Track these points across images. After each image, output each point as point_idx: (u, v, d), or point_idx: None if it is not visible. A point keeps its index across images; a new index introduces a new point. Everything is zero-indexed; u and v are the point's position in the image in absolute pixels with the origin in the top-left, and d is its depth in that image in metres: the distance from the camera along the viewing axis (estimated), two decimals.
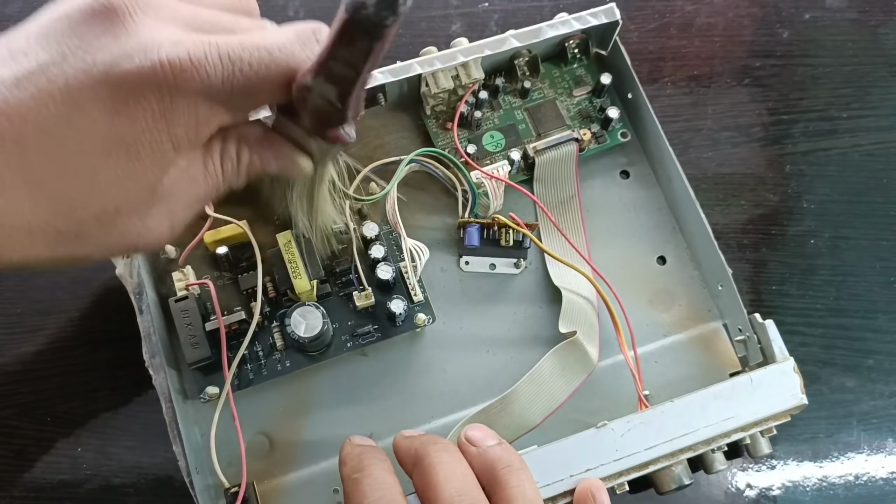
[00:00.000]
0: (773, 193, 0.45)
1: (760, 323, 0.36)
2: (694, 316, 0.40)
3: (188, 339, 0.35)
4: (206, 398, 0.36)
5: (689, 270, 0.41)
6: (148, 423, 0.38)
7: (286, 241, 0.36)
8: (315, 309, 0.35)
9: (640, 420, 0.33)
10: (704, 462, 0.36)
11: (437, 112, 0.42)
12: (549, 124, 0.42)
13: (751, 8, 0.49)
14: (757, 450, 0.36)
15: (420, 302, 0.38)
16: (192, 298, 0.36)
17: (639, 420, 0.33)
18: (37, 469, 0.37)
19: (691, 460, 0.34)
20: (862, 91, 0.48)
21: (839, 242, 0.44)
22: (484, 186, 0.39)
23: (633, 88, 0.42)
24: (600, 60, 0.43)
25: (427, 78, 0.39)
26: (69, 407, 0.38)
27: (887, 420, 0.41)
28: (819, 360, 0.42)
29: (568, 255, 0.39)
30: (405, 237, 0.37)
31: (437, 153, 0.39)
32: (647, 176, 0.43)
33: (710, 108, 0.47)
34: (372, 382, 0.38)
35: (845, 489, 0.39)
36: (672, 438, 0.33)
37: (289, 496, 0.36)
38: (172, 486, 0.37)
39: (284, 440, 0.37)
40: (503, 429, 0.35)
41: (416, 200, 0.41)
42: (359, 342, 0.37)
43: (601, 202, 0.42)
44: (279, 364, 0.37)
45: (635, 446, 0.33)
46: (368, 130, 0.42)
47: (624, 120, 0.43)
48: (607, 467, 0.32)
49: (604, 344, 0.38)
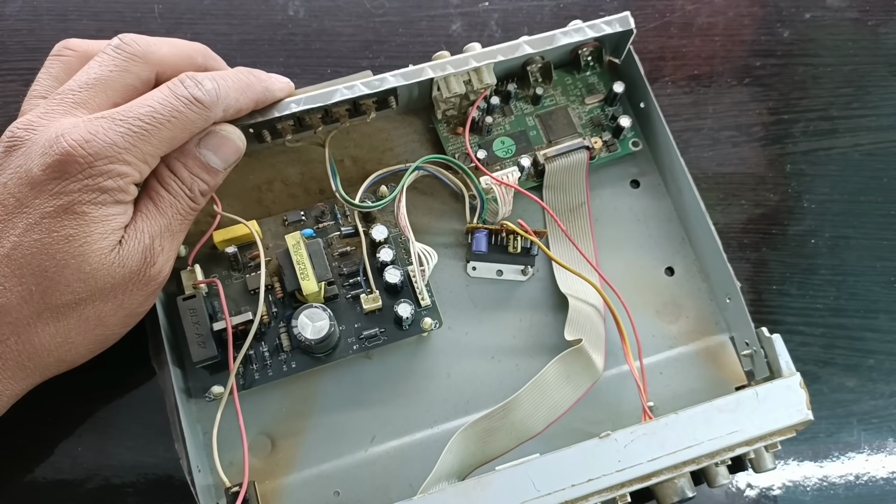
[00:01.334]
0: (774, 193, 0.45)
1: (767, 337, 0.36)
2: (701, 328, 0.40)
3: (195, 338, 0.35)
4: (212, 397, 0.36)
5: (697, 282, 0.41)
6: (148, 423, 0.37)
7: (294, 241, 0.36)
8: (322, 311, 0.35)
9: (644, 431, 0.33)
10: (707, 475, 0.35)
11: (449, 117, 0.42)
12: (561, 131, 0.42)
13: (751, 7, 0.49)
14: (761, 465, 0.35)
15: (427, 306, 0.38)
16: (200, 297, 0.36)
17: (642, 431, 0.33)
18: (37, 469, 0.37)
19: (694, 473, 0.34)
20: (862, 91, 0.48)
21: (839, 242, 0.44)
22: (493, 192, 0.39)
23: (645, 97, 0.41)
24: (613, 69, 0.43)
25: (439, 82, 0.39)
26: (69, 407, 0.38)
27: (888, 420, 0.41)
28: (819, 360, 0.42)
29: (576, 264, 0.39)
30: (413, 241, 0.37)
31: (446, 160, 0.39)
32: (657, 186, 0.43)
33: (711, 108, 0.47)
34: (376, 386, 0.38)
35: (846, 489, 0.39)
36: (676, 451, 0.33)
37: (289, 497, 0.36)
38: (172, 485, 0.37)
39: (287, 441, 0.37)
40: (505, 435, 0.35)
41: (424, 205, 0.41)
42: (365, 345, 0.37)
43: (610, 211, 0.42)
44: (284, 365, 0.37)
45: (638, 458, 0.32)
46: (379, 133, 0.42)
47: (636, 129, 0.43)
48: (609, 478, 0.32)
49: (609, 353, 0.38)
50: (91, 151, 0.29)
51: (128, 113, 0.31)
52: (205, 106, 0.32)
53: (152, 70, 0.33)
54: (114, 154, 0.30)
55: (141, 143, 0.30)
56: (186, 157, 0.33)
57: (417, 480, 0.33)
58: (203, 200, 0.34)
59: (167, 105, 0.31)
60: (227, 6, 0.47)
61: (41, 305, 0.30)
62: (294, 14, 0.47)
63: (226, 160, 0.34)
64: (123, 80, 0.32)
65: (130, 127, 0.30)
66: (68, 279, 0.30)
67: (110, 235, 0.30)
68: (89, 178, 0.29)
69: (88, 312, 0.31)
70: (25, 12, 0.46)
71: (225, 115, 0.34)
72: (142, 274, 0.32)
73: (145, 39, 0.33)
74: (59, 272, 0.30)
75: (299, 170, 0.41)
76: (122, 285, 0.31)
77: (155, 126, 0.31)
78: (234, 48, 0.46)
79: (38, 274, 0.29)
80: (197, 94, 0.32)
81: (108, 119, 0.30)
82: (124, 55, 0.32)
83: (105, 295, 0.31)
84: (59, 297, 0.30)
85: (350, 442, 0.37)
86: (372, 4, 0.48)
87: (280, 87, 0.36)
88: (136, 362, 0.37)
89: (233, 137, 0.34)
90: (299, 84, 0.38)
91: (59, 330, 0.31)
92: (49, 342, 0.31)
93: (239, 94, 0.34)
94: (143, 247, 0.31)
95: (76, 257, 0.30)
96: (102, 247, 0.30)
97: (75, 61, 0.34)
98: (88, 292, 0.30)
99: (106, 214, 0.30)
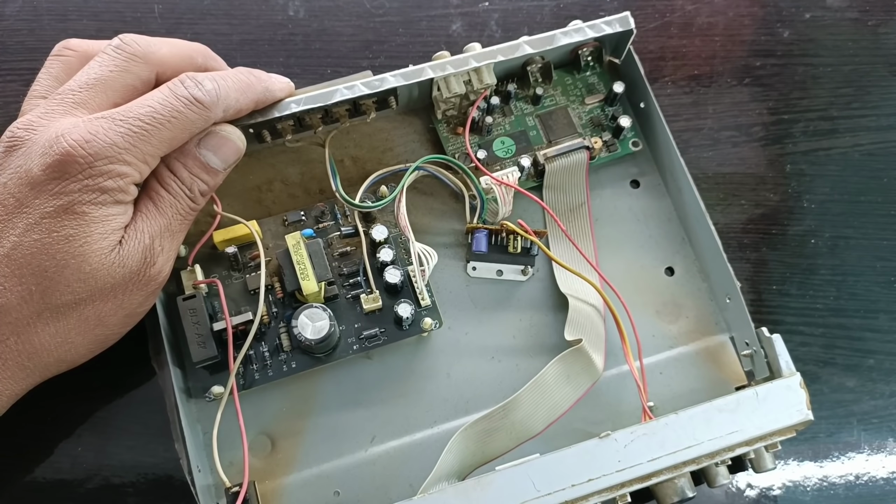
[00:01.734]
0: (774, 193, 0.45)
1: (767, 337, 0.36)
2: (701, 328, 0.40)
3: (195, 338, 0.35)
4: (212, 397, 0.36)
5: (697, 282, 0.41)
6: (148, 423, 0.37)
7: (294, 241, 0.36)
8: (322, 311, 0.35)
9: (644, 431, 0.33)
10: (707, 475, 0.35)
11: (449, 117, 0.42)
12: (561, 132, 0.42)
13: (751, 7, 0.49)
14: (761, 465, 0.35)
15: (427, 306, 0.38)
16: (200, 297, 0.36)
17: (642, 431, 0.33)
18: (37, 469, 0.37)
19: (694, 473, 0.34)
20: (862, 91, 0.48)
21: (839, 242, 0.44)
22: (493, 192, 0.39)
23: (645, 97, 0.41)
24: (613, 69, 0.43)
25: (439, 82, 0.39)
26: (69, 407, 0.38)
27: (888, 420, 0.41)
28: (819, 360, 0.42)
29: (576, 264, 0.39)
30: (413, 241, 0.37)
31: (445, 160, 0.39)
32: (657, 186, 0.43)
33: (711, 108, 0.47)
34: (376, 386, 0.38)
35: (846, 489, 0.39)
36: (676, 451, 0.33)
37: (289, 497, 0.36)
38: (172, 485, 0.37)
39: (287, 441, 0.37)
40: (505, 435, 0.35)
41: (424, 205, 0.41)
42: (365, 345, 0.37)
43: (611, 211, 0.42)
44: (285, 365, 0.37)
45: (638, 458, 0.32)
46: (379, 133, 0.42)
47: (636, 129, 0.43)
48: (609, 478, 0.32)
49: (609, 353, 0.38)
50: (91, 151, 0.29)
51: (128, 113, 0.31)
52: (205, 106, 0.32)
53: (152, 70, 0.33)
54: (114, 154, 0.30)
55: (141, 143, 0.30)
56: (186, 157, 0.33)
57: (417, 480, 0.33)
58: (203, 200, 0.34)
59: (167, 105, 0.31)
60: (227, 6, 0.47)
61: (41, 305, 0.30)
62: (294, 14, 0.47)
63: (226, 160, 0.34)
64: (123, 81, 0.32)
65: (130, 127, 0.30)
66: (68, 279, 0.30)
67: (110, 235, 0.30)
68: (89, 179, 0.29)
69: (88, 312, 0.31)
70: (25, 12, 0.46)
71: (225, 116, 0.34)
72: (142, 274, 0.32)
73: (145, 40, 0.33)
74: (59, 272, 0.30)
75: (299, 170, 0.41)
76: (122, 285, 0.31)
77: (155, 126, 0.31)
78: (234, 48, 0.46)
79: (38, 274, 0.29)
80: (197, 94, 0.32)
81: (109, 119, 0.30)
82: (124, 55, 0.33)
83: (105, 295, 0.31)
84: (59, 297, 0.30)
85: (350, 442, 0.37)
86: (372, 4, 0.48)
87: (280, 87, 0.36)
88: (136, 362, 0.37)
89: (233, 138, 0.34)
90: (299, 84, 0.38)
91: (59, 330, 0.31)
92: (49, 342, 0.31)
93: (239, 95, 0.34)
94: (143, 247, 0.31)
95: (76, 257, 0.30)
96: (102, 247, 0.30)
97: (75, 61, 0.34)
98: (88, 292, 0.30)
99: (106, 214, 0.30)
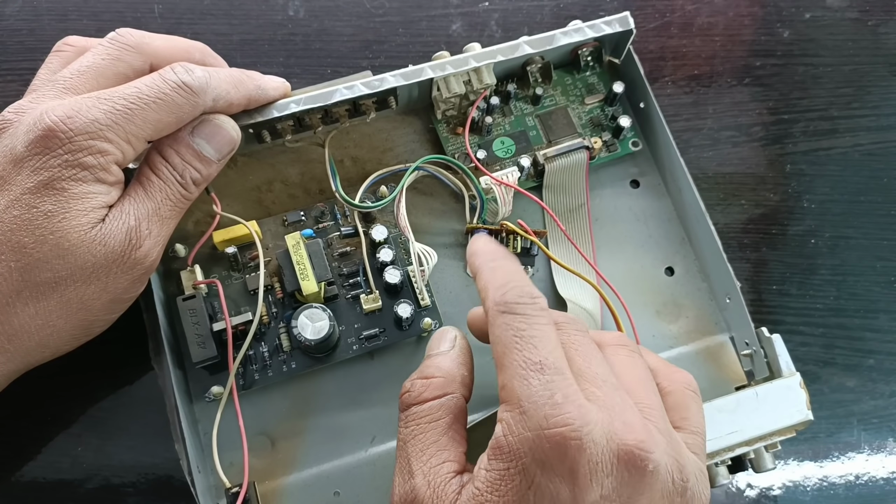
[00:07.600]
0: (774, 193, 0.45)
1: (767, 337, 0.36)
2: (701, 328, 0.40)
3: (195, 338, 0.35)
4: (212, 398, 0.36)
5: (697, 282, 0.41)
6: (148, 423, 0.37)
7: (294, 242, 0.36)
8: (322, 311, 0.35)
9: None
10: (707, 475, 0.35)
11: (448, 117, 0.42)
12: (560, 132, 0.42)
13: (751, 7, 0.49)
14: (761, 465, 0.35)
15: (427, 306, 0.38)
16: (200, 298, 0.35)
17: None
18: (37, 469, 0.37)
19: None
20: (862, 91, 0.48)
21: (839, 242, 0.44)
22: (493, 192, 0.39)
23: (645, 97, 0.41)
24: (613, 69, 0.43)
25: (439, 82, 0.39)
26: (69, 407, 0.38)
27: (888, 420, 0.41)
28: (819, 360, 0.42)
29: (575, 264, 0.39)
30: (413, 241, 0.37)
31: (445, 160, 0.39)
32: (657, 186, 0.43)
33: (711, 108, 0.47)
34: (376, 386, 0.38)
35: (846, 489, 0.39)
36: None
37: (289, 497, 0.36)
38: (172, 485, 0.37)
39: (287, 441, 0.37)
40: None
41: (424, 205, 0.41)
42: (365, 345, 0.37)
43: (610, 211, 0.42)
44: (284, 365, 0.37)
45: None
46: (379, 133, 0.42)
47: (635, 129, 0.43)
48: None
49: None
50: (72, 126, 0.29)
51: (113, 93, 0.31)
52: (192, 91, 0.32)
53: (146, 61, 0.33)
54: (95, 130, 0.30)
55: (124, 121, 0.30)
56: (179, 144, 0.33)
57: None
58: (196, 190, 0.34)
59: (154, 87, 0.31)
60: (227, 6, 0.47)
61: (20, 283, 0.30)
62: (294, 14, 0.47)
63: (219, 150, 0.34)
64: (115, 69, 0.33)
65: (114, 105, 0.30)
66: (47, 255, 0.29)
67: (91, 213, 0.30)
68: (69, 154, 0.29)
69: (70, 294, 0.31)
70: (25, 12, 0.46)
71: (215, 106, 0.33)
72: (126, 256, 0.31)
73: (140, 32, 0.34)
74: (38, 248, 0.29)
75: (299, 170, 0.41)
76: (104, 266, 0.31)
77: (139, 106, 0.31)
78: (234, 48, 0.46)
79: (17, 250, 0.29)
80: (186, 78, 0.32)
81: (94, 98, 0.30)
82: (117, 45, 0.33)
83: (87, 275, 0.31)
84: (39, 274, 0.30)
85: (350, 442, 0.37)
86: (372, 4, 0.48)
87: (274, 86, 0.36)
88: (136, 362, 0.37)
89: (227, 127, 0.34)
90: (299, 84, 0.38)
91: (40, 311, 0.30)
92: (29, 323, 0.30)
93: (230, 87, 0.34)
94: (127, 227, 0.31)
95: (54, 233, 0.29)
96: (82, 223, 0.30)
97: (74, 57, 0.34)
98: (68, 270, 0.30)
99: (86, 191, 0.30)
